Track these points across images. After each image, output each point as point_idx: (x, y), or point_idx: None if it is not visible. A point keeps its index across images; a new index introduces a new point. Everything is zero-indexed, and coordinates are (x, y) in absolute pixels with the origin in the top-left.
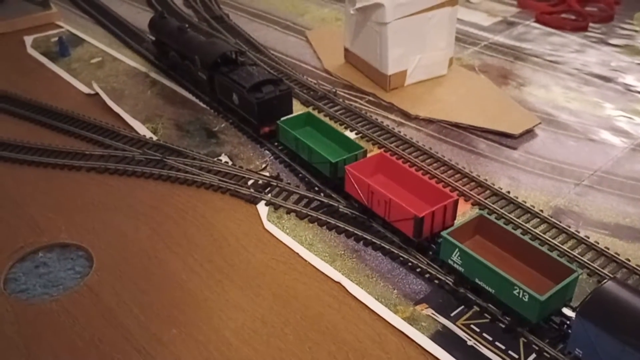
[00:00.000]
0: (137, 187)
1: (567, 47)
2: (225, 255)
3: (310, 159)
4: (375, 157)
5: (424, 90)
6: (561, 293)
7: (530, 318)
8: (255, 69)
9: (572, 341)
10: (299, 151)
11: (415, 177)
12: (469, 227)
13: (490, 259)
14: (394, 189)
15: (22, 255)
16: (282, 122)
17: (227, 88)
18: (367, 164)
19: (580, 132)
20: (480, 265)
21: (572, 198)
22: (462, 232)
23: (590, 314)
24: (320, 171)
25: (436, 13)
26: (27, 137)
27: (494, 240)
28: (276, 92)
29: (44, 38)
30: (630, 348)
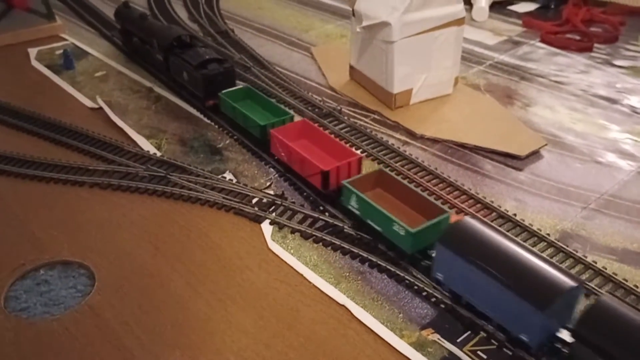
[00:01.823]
0: (141, 204)
1: (573, 67)
2: (229, 276)
3: (244, 124)
4: (299, 123)
5: (429, 110)
6: (433, 228)
7: (406, 249)
8: (204, 50)
9: (435, 267)
10: (237, 118)
11: (330, 140)
12: (370, 179)
13: (386, 207)
14: (311, 150)
15: (23, 272)
16: (223, 94)
17: (179, 67)
18: (290, 129)
19: (587, 154)
20: (370, 207)
21: (579, 222)
22: (363, 184)
23: (447, 243)
24: (253, 134)
25: (443, 32)
26: (30, 151)
27: (392, 192)
28: (220, 69)
29: (48, 50)
30: (473, 267)
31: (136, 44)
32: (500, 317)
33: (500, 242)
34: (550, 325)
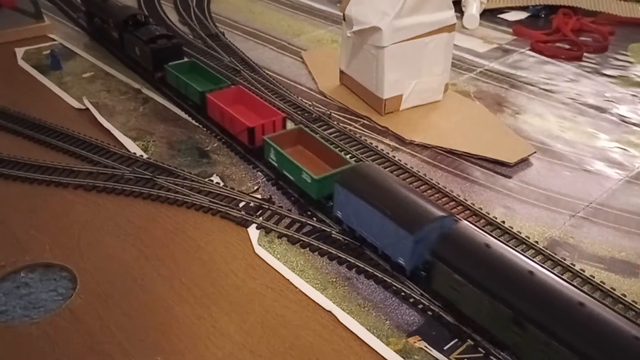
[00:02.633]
0: (126, 207)
1: (562, 76)
2: (214, 280)
3: (186, 91)
4: (234, 89)
5: (419, 116)
6: (335, 177)
7: (312, 195)
8: (155, 27)
9: (335, 206)
10: (180, 88)
11: (261, 104)
12: (290, 136)
13: (303, 160)
14: (242, 111)
15: (3, 274)
16: (169, 65)
17: (132, 43)
18: (225, 94)
19: (575, 162)
20: (284, 158)
21: (567, 230)
22: (284, 140)
23: (343, 183)
24: (193, 100)
25: (433, 39)
26: (13, 151)
27: (310, 148)
28: (168, 44)
29: (35, 50)
30: (363, 202)
31: (97, 23)
32: (383, 245)
33: (387, 183)
34: (421, 250)
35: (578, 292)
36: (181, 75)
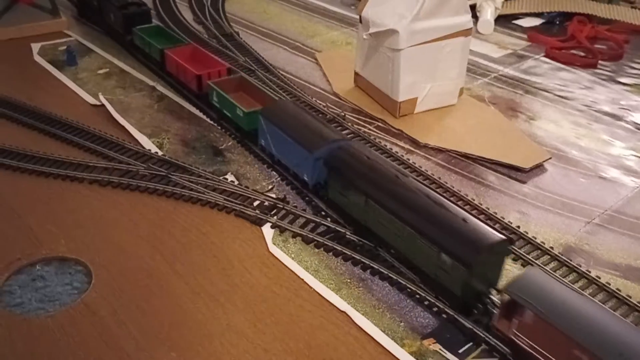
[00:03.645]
0: (140, 203)
1: (577, 83)
2: (229, 278)
3: (149, 51)
4: (189, 46)
5: (433, 119)
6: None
7: (243, 127)
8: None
9: (259, 135)
10: (145, 47)
11: (211, 58)
12: (232, 82)
13: (242, 103)
14: (193, 64)
15: (19, 267)
16: (136, 28)
17: (108, 10)
18: (181, 50)
19: (591, 169)
20: (222, 97)
21: (583, 236)
22: (226, 85)
23: (265, 115)
24: (155, 58)
25: (449, 42)
26: (30, 145)
27: (250, 94)
28: (138, 10)
29: (51, 46)
30: (278, 129)
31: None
32: (293, 165)
33: (299, 115)
34: (320, 166)
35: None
36: (146, 37)
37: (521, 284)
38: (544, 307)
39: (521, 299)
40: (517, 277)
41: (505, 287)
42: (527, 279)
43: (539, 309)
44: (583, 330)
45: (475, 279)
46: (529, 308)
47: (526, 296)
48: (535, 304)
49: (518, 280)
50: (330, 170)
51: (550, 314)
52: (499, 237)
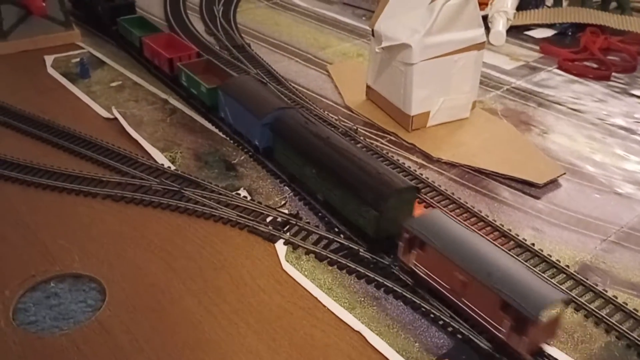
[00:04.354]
0: (154, 218)
1: (590, 95)
2: (242, 296)
3: (131, 39)
4: (165, 34)
5: (446, 133)
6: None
7: (206, 102)
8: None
9: (219, 108)
10: (127, 36)
11: (183, 44)
12: (200, 65)
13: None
14: (167, 49)
15: (33, 284)
16: (121, 19)
17: (96, 3)
18: (158, 38)
19: (606, 184)
20: (189, 77)
21: (599, 254)
22: (195, 68)
23: (224, 89)
24: (134, 44)
25: (462, 56)
26: (44, 159)
27: (216, 75)
28: (122, 2)
29: (64, 58)
30: (234, 101)
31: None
32: (245, 132)
33: (253, 87)
34: (268, 132)
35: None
36: (129, 26)
37: (420, 221)
38: (435, 239)
39: (418, 233)
40: (418, 216)
41: (406, 224)
42: (426, 218)
43: (431, 240)
44: (463, 256)
45: (385, 222)
46: (424, 240)
47: (422, 231)
48: (428, 236)
49: (418, 219)
50: (274, 134)
51: (439, 244)
52: (406, 185)
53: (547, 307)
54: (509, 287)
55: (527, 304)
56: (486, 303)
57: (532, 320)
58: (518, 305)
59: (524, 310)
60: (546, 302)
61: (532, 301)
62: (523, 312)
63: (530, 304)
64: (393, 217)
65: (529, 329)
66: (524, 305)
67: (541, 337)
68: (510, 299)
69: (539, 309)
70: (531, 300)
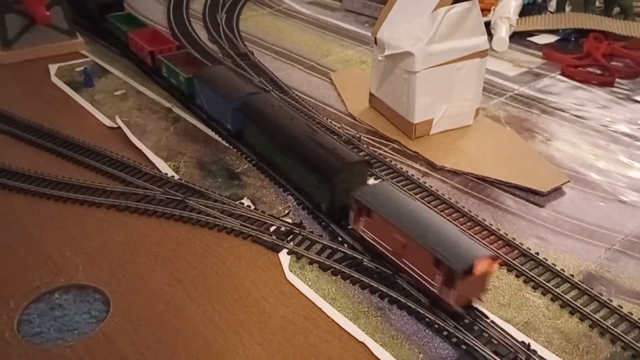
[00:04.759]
0: (158, 228)
1: (594, 102)
2: (246, 306)
3: (118, 34)
4: (150, 29)
5: (449, 140)
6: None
7: (184, 90)
8: None
9: (197, 97)
10: (115, 31)
11: (165, 38)
12: (180, 57)
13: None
14: (150, 43)
15: (37, 295)
16: (110, 16)
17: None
18: (143, 33)
19: (610, 192)
20: (169, 68)
21: (603, 263)
22: (175, 60)
23: (199, 78)
24: (122, 39)
25: (465, 64)
26: (48, 169)
27: (196, 66)
28: (111, 0)
29: (68, 67)
30: (208, 88)
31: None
32: (219, 117)
33: (225, 76)
34: (239, 116)
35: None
36: (117, 22)
37: (367, 191)
38: (380, 207)
39: (366, 202)
40: (366, 187)
41: (355, 194)
42: (373, 188)
43: (376, 207)
44: (403, 221)
45: (339, 193)
46: (370, 208)
47: (369, 200)
48: (374, 205)
49: (365, 189)
50: (245, 117)
51: (383, 211)
52: (357, 159)
53: (473, 262)
54: (440, 245)
55: (455, 259)
56: (422, 261)
57: (459, 273)
58: (447, 260)
59: (452, 264)
60: (472, 257)
61: (460, 257)
62: (451, 267)
63: (458, 259)
64: (346, 188)
65: (457, 282)
66: (452, 260)
67: (471, 292)
68: (441, 255)
69: (465, 264)
70: (459, 256)
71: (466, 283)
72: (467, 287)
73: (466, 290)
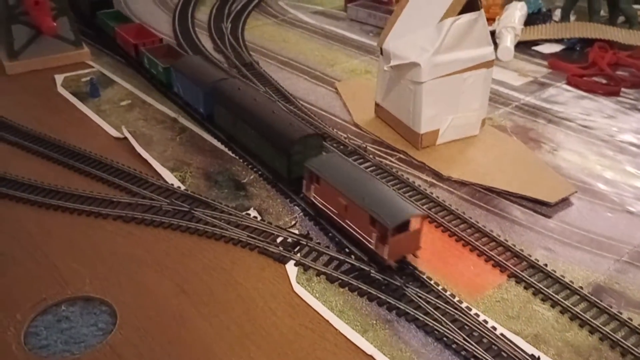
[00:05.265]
0: (164, 239)
1: (600, 111)
2: (253, 319)
3: (106, 30)
4: (136, 25)
5: (456, 151)
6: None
7: (163, 79)
8: None
9: (174, 85)
10: (103, 27)
11: (150, 32)
12: (161, 50)
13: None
14: (136, 38)
15: (44, 307)
16: (99, 13)
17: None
18: (129, 28)
19: (618, 203)
20: (149, 59)
21: (612, 275)
22: (156, 52)
23: (175, 67)
24: (110, 34)
25: (472, 74)
26: (55, 179)
27: (176, 58)
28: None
29: (74, 77)
30: (183, 75)
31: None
32: (192, 101)
33: (197, 64)
34: (210, 100)
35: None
36: (106, 19)
37: (318, 161)
38: (327, 174)
39: (316, 170)
40: (317, 157)
41: (307, 163)
42: (323, 158)
43: (324, 175)
44: (346, 186)
45: (295, 164)
46: (319, 176)
47: (319, 168)
48: (322, 172)
49: (316, 159)
50: (214, 101)
51: (329, 177)
52: (310, 132)
53: (404, 220)
54: (376, 206)
55: (387, 217)
56: (361, 221)
57: (390, 230)
58: (380, 218)
59: (384, 222)
60: (403, 216)
61: (392, 215)
62: (384, 224)
63: (390, 217)
64: (301, 160)
65: (389, 238)
66: (384, 218)
67: (404, 248)
68: (376, 214)
69: (396, 221)
70: (391, 215)
71: (398, 239)
72: (399, 243)
73: (399, 246)
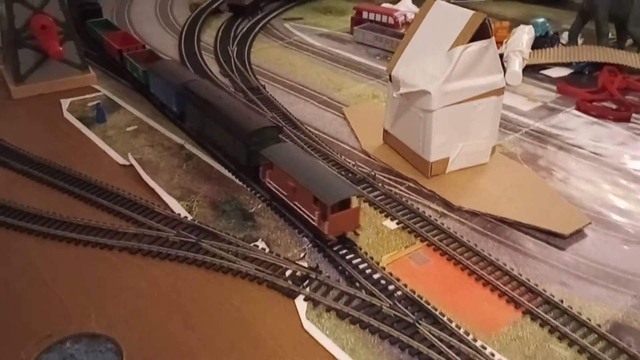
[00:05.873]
0: (171, 272)
1: (611, 138)
2: (262, 357)
3: (95, 37)
4: (122, 32)
5: (466, 179)
6: None
7: (143, 82)
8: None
9: (151, 87)
10: (92, 34)
11: (134, 39)
12: (143, 55)
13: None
14: (121, 44)
15: (49, 344)
16: (88, 22)
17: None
18: (115, 35)
19: (633, 234)
20: (131, 64)
21: (631, 312)
22: (138, 57)
23: (152, 70)
24: (98, 42)
25: (482, 102)
26: (60, 209)
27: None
28: (91, 7)
29: (80, 102)
30: (159, 78)
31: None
32: (169, 103)
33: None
34: (182, 100)
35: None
36: (94, 27)
37: (272, 149)
38: (279, 160)
39: (270, 157)
40: (271, 146)
41: (263, 152)
42: (277, 147)
43: (276, 161)
44: (294, 170)
45: (253, 153)
46: (273, 162)
47: (273, 156)
48: (275, 159)
49: (271, 148)
50: (185, 99)
51: (281, 163)
52: (268, 124)
53: (342, 199)
54: (318, 186)
55: (327, 196)
56: (306, 201)
57: (329, 207)
58: (321, 197)
59: (324, 199)
60: (342, 195)
61: (331, 194)
62: (324, 202)
63: (329, 196)
64: (260, 150)
65: (329, 215)
66: (324, 196)
67: (343, 224)
68: (318, 193)
69: (335, 199)
70: (331, 194)
71: (338, 216)
72: (339, 220)
73: (338, 222)
